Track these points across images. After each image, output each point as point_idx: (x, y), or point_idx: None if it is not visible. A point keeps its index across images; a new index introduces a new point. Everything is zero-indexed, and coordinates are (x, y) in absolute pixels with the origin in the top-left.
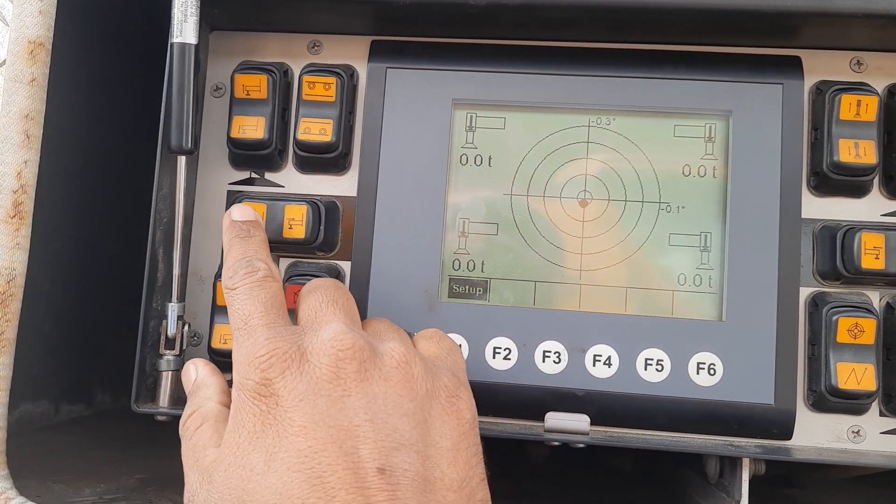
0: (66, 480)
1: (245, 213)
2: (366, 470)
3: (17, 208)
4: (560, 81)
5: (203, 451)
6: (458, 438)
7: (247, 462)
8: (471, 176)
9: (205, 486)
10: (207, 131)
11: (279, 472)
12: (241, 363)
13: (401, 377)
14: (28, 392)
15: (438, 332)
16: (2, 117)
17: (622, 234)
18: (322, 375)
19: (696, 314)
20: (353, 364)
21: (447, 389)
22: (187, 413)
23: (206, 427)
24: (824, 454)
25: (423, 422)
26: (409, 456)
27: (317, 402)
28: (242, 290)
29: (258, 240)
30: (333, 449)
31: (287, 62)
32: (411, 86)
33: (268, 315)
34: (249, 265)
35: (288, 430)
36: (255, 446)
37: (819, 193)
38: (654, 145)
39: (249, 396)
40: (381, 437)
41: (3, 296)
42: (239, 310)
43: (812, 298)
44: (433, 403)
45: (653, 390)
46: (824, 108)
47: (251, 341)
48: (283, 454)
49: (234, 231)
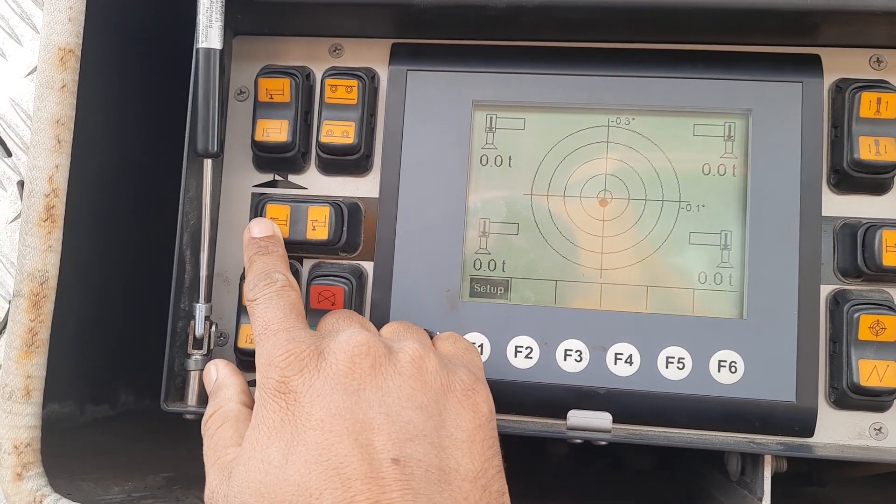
0: (93, 479)
1: (264, 228)
2: (380, 461)
3: (50, 212)
4: (579, 82)
5: (224, 450)
6: (474, 430)
7: (265, 456)
8: (491, 176)
9: (224, 482)
10: (231, 135)
11: (297, 465)
12: (262, 364)
13: (414, 371)
14: (55, 392)
15: (455, 335)
16: (34, 122)
17: (642, 232)
18: (338, 371)
19: (717, 312)
20: (368, 360)
21: (463, 383)
22: (208, 413)
23: (226, 426)
24: (847, 451)
25: (437, 414)
26: (423, 447)
27: (333, 397)
28: (262, 300)
29: (277, 255)
30: (349, 441)
31: (309, 66)
32: (432, 88)
33: (286, 320)
34: (268, 277)
35: (306, 424)
36: (274, 441)
37: (839, 191)
38: (673, 144)
39: (270, 394)
40: (396, 429)
41: (37, 297)
42: (259, 317)
43: (833, 296)
44: (448, 397)
45: (674, 388)
46: (844, 105)
47: (270, 343)
48: (300, 447)
49: (253, 248)
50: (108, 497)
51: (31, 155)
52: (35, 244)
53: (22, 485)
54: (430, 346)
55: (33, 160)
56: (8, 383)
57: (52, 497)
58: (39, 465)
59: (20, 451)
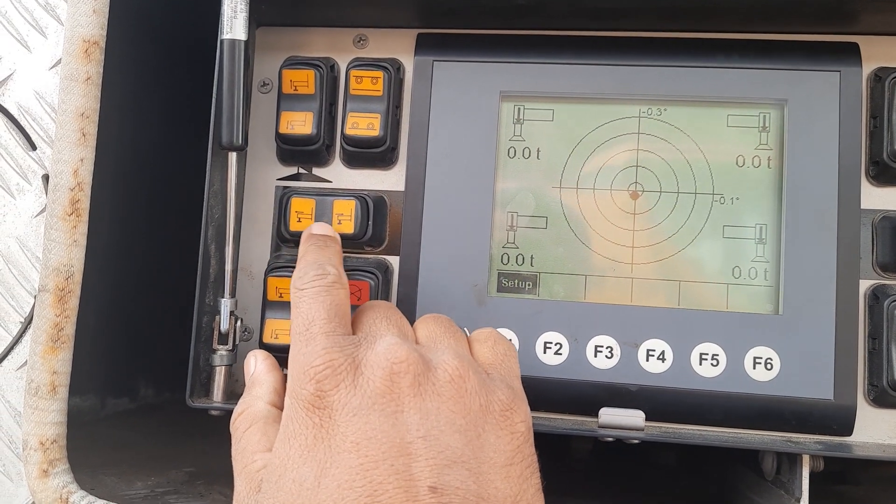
0: (116, 473)
1: (325, 229)
2: (418, 488)
3: (75, 206)
4: (609, 72)
5: (251, 457)
6: (513, 453)
7: (297, 476)
8: (519, 169)
9: (253, 496)
10: (255, 127)
11: (330, 489)
12: (297, 370)
13: (454, 392)
14: (77, 386)
15: (494, 335)
16: (59, 116)
17: (675, 226)
18: (375, 389)
19: (752, 308)
20: (407, 378)
21: (501, 403)
22: (237, 412)
23: (254, 430)
24: (888, 451)
25: (476, 437)
26: (461, 473)
27: (370, 418)
28: (310, 292)
29: (333, 250)
30: (386, 466)
31: (333, 57)
32: (458, 79)
33: (330, 323)
34: (321, 268)
35: (340, 445)
36: (307, 460)
37: (879, 183)
38: (706, 135)
39: (303, 407)
40: (434, 455)
41: (63, 292)
42: (304, 312)
43: (872, 291)
44: (487, 418)
45: (708, 385)
46: (884, 95)
47: (309, 349)
48: (334, 470)
49: (311, 241)
50: (131, 492)
51: (55, 148)
52: (60, 238)
53: (48, 482)
54: (469, 359)
55: (58, 154)
56: (34, 379)
57: (78, 494)
58: (65, 462)
59: (46, 447)
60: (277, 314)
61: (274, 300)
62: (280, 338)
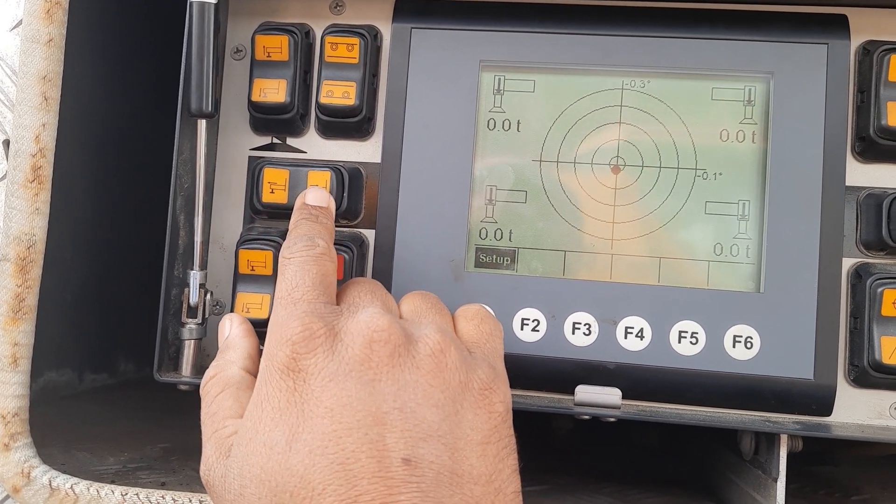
0: (89, 449)
1: (319, 198)
2: (391, 459)
3: (36, 172)
4: (593, 42)
5: (222, 422)
6: (489, 432)
7: (268, 439)
8: (498, 141)
9: (222, 461)
10: (228, 96)
11: (301, 454)
12: (274, 334)
13: (433, 366)
14: (52, 361)
15: (481, 313)
16: (20, 79)
17: (656, 202)
18: (353, 357)
19: (733, 285)
20: (387, 348)
21: (481, 382)
22: (209, 375)
23: (226, 394)
24: (867, 431)
25: (453, 413)
26: (436, 448)
27: (346, 385)
28: (297, 260)
29: (325, 225)
30: (359, 435)
31: (309, 23)
32: (437, 47)
33: (314, 291)
34: (310, 241)
35: (314, 410)
36: (278, 423)
37: (864, 160)
38: (690, 109)
39: (277, 370)
40: (409, 427)
41: (24, 262)
42: (289, 279)
43: (855, 269)
44: (465, 395)
45: (687, 364)
46: (872, 69)
47: (287, 313)
48: (306, 435)
49: (304, 212)
50: (102, 468)
51: (16, 113)
52: (21, 206)
53: (10, 455)
54: (452, 334)
55: (19, 118)
56: None
57: (40, 469)
58: (28, 436)
59: (7, 420)
60: (249, 287)
61: (245, 273)
62: (252, 311)
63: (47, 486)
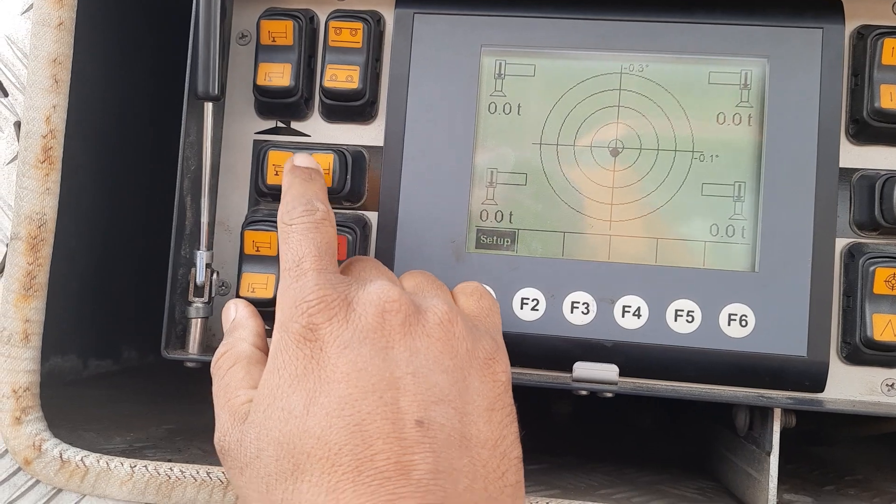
0: (96, 429)
1: (307, 161)
2: (405, 421)
3: (47, 153)
4: (592, 26)
5: (234, 392)
6: (494, 399)
7: (286, 404)
8: (499, 125)
9: (238, 427)
10: (233, 80)
11: (318, 417)
12: (288, 305)
13: (442, 334)
14: (57, 346)
15: (479, 289)
16: (31, 62)
17: (654, 183)
18: (367, 325)
19: (729, 265)
20: (399, 317)
21: (485, 352)
22: (220, 352)
23: (238, 367)
24: (858, 406)
25: (461, 379)
26: (447, 411)
27: (361, 351)
28: (299, 227)
29: (319, 184)
30: (375, 398)
31: (313, 8)
32: (439, 32)
33: (321, 260)
34: (309, 204)
35: (331, 375)
36: (296, 389)
37: (858, 142)
38: (688, 92)
39: (293, 339)
40: (422, 391)
41: (35, 240)
42: (293, 248)
43: (848, 249)
44: (472, 363)
45: (683, 341)
46: (866, 53)
47: (300, 284)
48: (323, 399)
49: (295, 173)
50: (109, 446)
51: (27, 95)
52: (32, 186)
53: (21, 429)
54: (457, 308)
55: (30, 100)
56: (6, 327)
57: (51, 441)
58: (38, 410)
59: (19, 395)
60: (254, 268)
61: (251, 254)
62: (257, 292)
63: (58, 459)
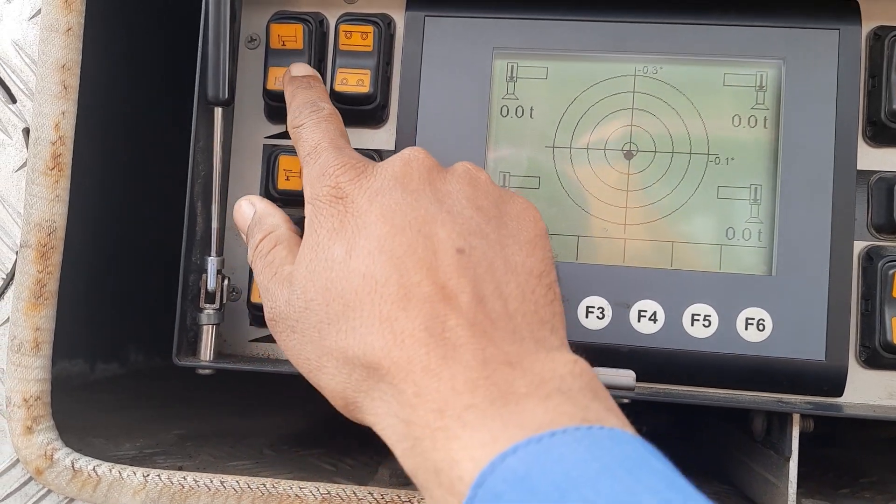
0: (105, 436)
1: (305, 69)
2: (445, 249)
3: (56, 160)
4: (605, 28)
5: (280, 267)
6: (535, 237)
7: (328, 255)
8: (512, 128)
9: (286, 289)
10: (242, 85)
11: (360, 258)
12: (313, 178)
13: (470, 179)
14: (65, 350)
15: None
16: (39, 68)
17: (669, 186)
18: (394, 173)
19: (745, 269)
20: (424, 165)
21: (519, 201)
22: (259, 237)
23: (280, 247)
24: (878, 411)
25: (497, 216)
26: (486, 241)
27: (392, 194)
28: (309, 124)
29: (320, 89)
30: (412, 232)
31: (322, 12)
32: (450, 35)
33: (337, 141)
34: (314, 105)
35: (366, 220)
36: (335, 240)
37: (876, 144)
38: (702, 95)
39: (326, 202)
40: (458, 224)
41: (45, 248)
42: (307, 139)
43: (866, 252)
44: (508, 204)
45: (699, 346)
46: (883, 54)
47: (320, 160)
48: (363, 241)
49: (296, 83)
50: (119, 453)
51: (36, 101)
52: (42, 193)
53: (32, 438)
54: None
55: (39, 107)
56: (17, 336)
57: (63, 451)
58: (50, 419)
59: (30, 404)
60: None
61: None
62: None
63: (70, 468)
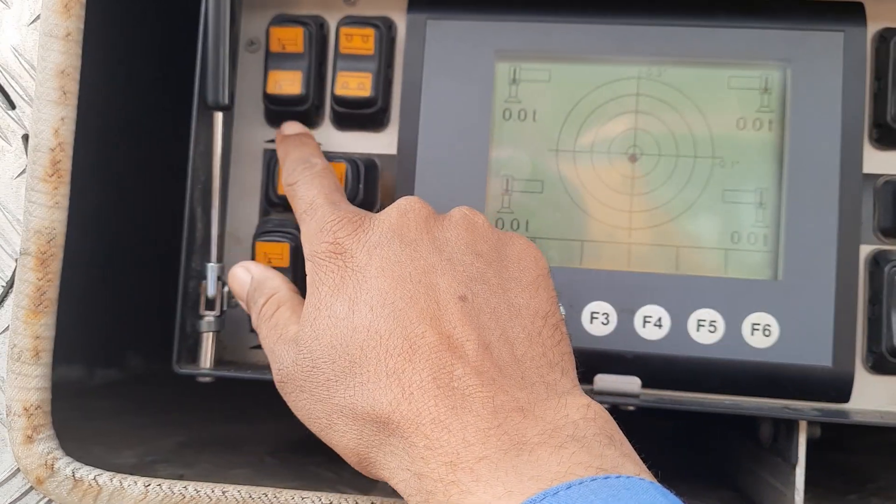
0: (105, 443)
1: (296, 128)
2: (447, 299)
3: (56, 166)
4: (608, 31)
5: (285, 328)
6: (537, 277)
7: (331, 312)
8: (514, 131)
9: (292, 350)
10: (242, 89)
11: (363, 313)
12: (311, 234)
13: (468, 224)
14: (64, 356)
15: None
16: (38, 73)
17: (673, 190)
18: (391, 225)
19: (751, 273)
20: (420, 215)
21: (518, 242)
22: (262, 300)
23: (283, 309)
24: (886, 417)
25: (497, 260)
26: (487, 287)
27: (391, 247)
28: (303, 180)
29: (312, 146)
30: (413, 283)
31: (323, 14)
32: (452, 37)
33: (331, 196)
34: (307, 162)
35: (366, 274)
36: (337, 297)
37: (882, 147)
38: (706, 98)
39: (325, 258)
40: (458, 272)
41: (45, 256)
42: (302, 196)
43: (873, 256)
44: (507, 247)
45: (705, 352)
46: (888, 56)
47: (317, 217)
48: (364, 296)
49: (288, 142)
50: (119, 461)
51: (35, 107)
52: (41, 200)
53: (33, 448)
54: None
55: (38, 112)
56: (17, 344)
57: (64, 460)
58: (50, 428)
59: (30, 413)
60: None
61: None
62: None
63: (70, 478)
